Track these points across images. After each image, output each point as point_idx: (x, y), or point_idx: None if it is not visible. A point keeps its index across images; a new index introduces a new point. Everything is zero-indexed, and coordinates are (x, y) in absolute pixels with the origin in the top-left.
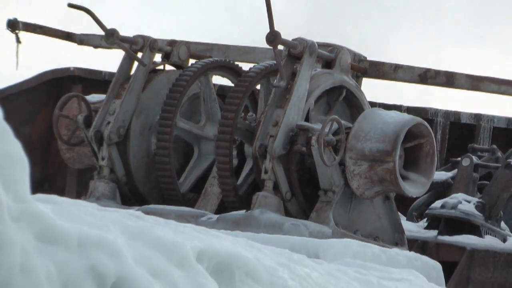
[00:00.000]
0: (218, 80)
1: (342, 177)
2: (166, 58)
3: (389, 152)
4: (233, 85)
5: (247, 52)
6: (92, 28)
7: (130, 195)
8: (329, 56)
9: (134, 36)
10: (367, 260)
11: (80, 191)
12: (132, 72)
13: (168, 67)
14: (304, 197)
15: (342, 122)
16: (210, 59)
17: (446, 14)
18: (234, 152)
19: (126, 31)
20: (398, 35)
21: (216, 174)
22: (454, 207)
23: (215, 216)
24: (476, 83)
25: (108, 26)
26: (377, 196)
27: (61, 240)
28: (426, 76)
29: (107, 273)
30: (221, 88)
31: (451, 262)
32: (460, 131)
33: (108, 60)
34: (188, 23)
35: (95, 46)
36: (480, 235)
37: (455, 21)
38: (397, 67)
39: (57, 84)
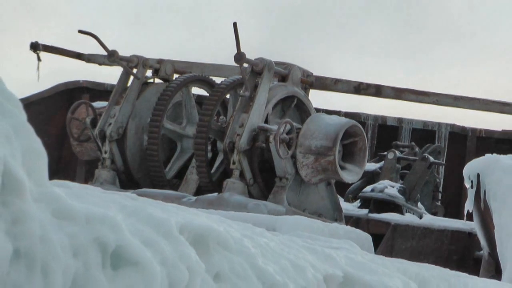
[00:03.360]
0: (197, 90)
1: (293, 167)
2: (156, 73)
3: (330, 147)
4: (208, 94)
5: (219, 69)
6: (97, 49)
7: (127, 181)
8: (283, 72)
9: (130, 56)
10: (313, 232)
11: (88, 178)
12: (129, 84)
13: (157, 81)
14: (264, 183)
15: (294, 124)
16: (190, 74)
17: (375, 37)
18: (209, 147)
19: (122, 49)
20: (337, 56)
21: (194, 165)
22: (381, 191)
23: (194, 198)
24: (399, 93)
25: (110, 48)
26: (321, 182)
27: (72, 216)
28: (359, 88)
29: (108, 243)
30: (198, 97)
31: (379, 234)
32: (386, 131)
33: (110, 75)
34: (173, 45)
35: (100, 64)
36: (401, 213)
37: (383, 43)
38: (337, 81)
39: (69, 93)
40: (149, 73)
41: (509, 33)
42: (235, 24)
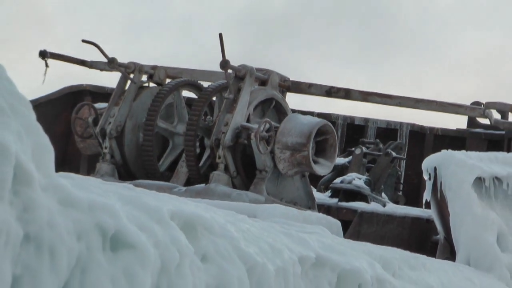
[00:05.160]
0: (186, 93)
1: (272, 161)
2: (150, 78)
3: (304, 144)
4: (196, 97)
5: (206, 74)
6: (98, 56)
7: (125, 173)
8: (263, 77)
9: (128, 63)
10: (289, 219)
11: (90, 170)
12: (126, 87)
13: (152, 85)
14: (246, 175)
15: (272, 123)
16: (181, 79)
17: (344, 47)
18: (197, 144)
19: (121, 57)
20: (311, 63)
21: (184, 159)
22: (349, 182)
23: (184, 188)
24: (365, 96)
25: (110, 55)
26: (296, 174)
27: (76, 204)
28: (330, 91)
29: (108, 228)
30: (188, 99)
31: (347, 221)
32: (354, 130)
33: (109, 79)
34: (166, 53)
35: (101, 69)
36: (367, 202)
37: (351, 52)
38: (310, 85)
39: (74, 96)
40: (144, 78)
41: (459, 44)
42: (220, 35)
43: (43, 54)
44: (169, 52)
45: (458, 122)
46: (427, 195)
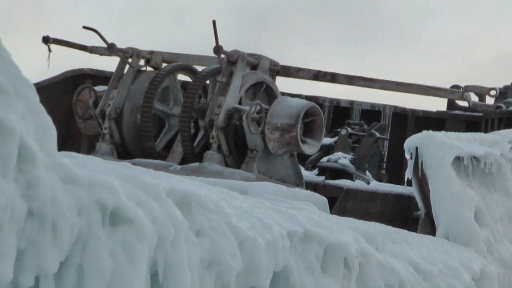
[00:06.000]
0: (182, 77)
1: (262, 141)
2: (147, 62)
3: (293, 125)
4: (191, 80)
5: (200, 59)
6: (98, 42)
7: (123, 153)
8: (254, 62)
9: (126, 48)
10: (279, 196)
11: (90, 150)
12: (125, 71)
13: (149, 69)
14: (238, 154)
15: (263, 105)
16: (176, 63)
17: (330, 34)
18: (192, 125)
19: (120, 42)
20: (300, 49)
21: (180, 139)
22: (335, 161)
23: (179, 166)
24: (351, 80)
25: (109, 41)
26: (285, 154)
27: (77, 182)
28: (318, 75)
29: (107, 204)
30: (183, 83)
31: (333, 197)
32: (340, 112)
33: (109, 64)
34: (162, 39)
35: (101, 54)
36: (352, 180)
37: (336, 39)
38: (299, 69)
39: (75, 79)
40: (142, 62)
41: (439, 31)
42: (214, 22)
43: (46, 40)
44: (165, 38)
45: (439, 104)
46: (408, 174)
